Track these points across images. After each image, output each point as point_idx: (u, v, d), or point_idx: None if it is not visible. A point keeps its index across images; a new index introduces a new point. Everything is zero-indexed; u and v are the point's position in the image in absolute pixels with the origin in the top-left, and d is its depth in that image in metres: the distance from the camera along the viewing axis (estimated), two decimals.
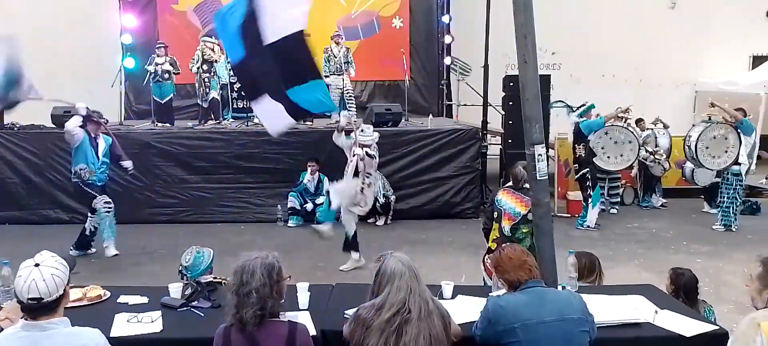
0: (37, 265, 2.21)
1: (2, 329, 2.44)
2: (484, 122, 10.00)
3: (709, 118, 8.73)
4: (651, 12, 13.35)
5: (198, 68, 9.53)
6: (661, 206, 9.94)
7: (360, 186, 6.33)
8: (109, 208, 6.86)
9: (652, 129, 10.16)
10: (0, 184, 8.54)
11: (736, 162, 8.30)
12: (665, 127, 10.18)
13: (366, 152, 6.27)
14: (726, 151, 8.47)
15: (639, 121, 10.26)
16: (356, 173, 6.33)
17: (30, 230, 7.96)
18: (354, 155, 6.32)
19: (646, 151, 9.73)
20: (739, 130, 8.25)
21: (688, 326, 2.92)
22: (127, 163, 7.28)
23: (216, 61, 9.53)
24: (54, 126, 8.79)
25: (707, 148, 8.57)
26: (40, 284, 2.16)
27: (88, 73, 11.03)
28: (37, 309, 2.19)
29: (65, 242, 6.86)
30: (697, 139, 8.57)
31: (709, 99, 8.92)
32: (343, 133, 6.52)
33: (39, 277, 2.17)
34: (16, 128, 8.98)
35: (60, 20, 11.86)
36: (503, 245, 2.77)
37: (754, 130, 8.14)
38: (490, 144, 10.37)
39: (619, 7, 13.11)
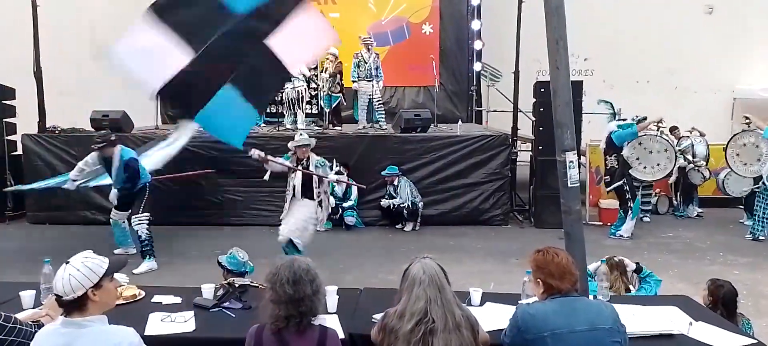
0: (67, 263, 2.29)
1: (43, 325, 2.53)
2: (514, 128, 9.91)
3: (748, 125, 8.67)
4: (687, 17, 13.04)
5: None
6: (697, 215, 9.69)
7: (317, 205, 5.92)
8: None
9: (688, 136, 9.94)
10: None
11: None
12: (701, 135, 9.94)
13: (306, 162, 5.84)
14: (758, 159, 8.38)
15: (673, 129, 10.04)
16: (307, 191, 5.88)
17: (68, 231, 8.21)
18: (294, 171, 5.87)
19: (685, 159, 9.53)
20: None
21: (724, 339, 2.85)
22: None
23: None
24: (93, 129, 9.06)
25: (738, 155, 8.57)
26: (60, 282, 2.25)
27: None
28: (63, 305, 2.27)
29: (100, 242, 7.02)
30: (727, 146, 8.64)
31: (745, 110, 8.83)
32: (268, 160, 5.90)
33: (61, 275, 2.26)
34: (57, 131, 9.29)
35: (98, 26, 12.21)
36: (555, 248, 2.68)
37: None
38: (520, 150, 10.27)
39: (654, 12, 12.85)
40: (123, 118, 9.15)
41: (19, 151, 9.38)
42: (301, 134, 6.24)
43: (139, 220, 6.76)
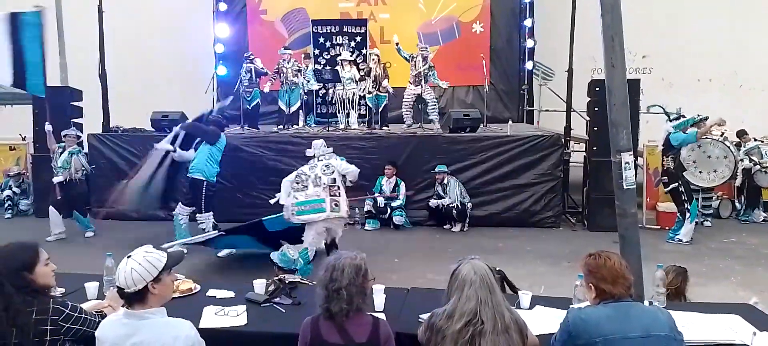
0: (128, 257, 2.41)
1: (106, 316, 2.67)
2: (567, 128, 9.69)
3: None
4: (752, 11, 12.35)
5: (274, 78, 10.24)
6: (763, 220, 9.20)
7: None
8: None
9: (755, 139, 9.46)
10: (105, 181, 9.24)
11: None
12: None
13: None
14: None
15: (742, 134, 9.58)
16: None
17: (130, 226, 8.59)
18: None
19: (751, 160, 9.06)
20: None
21: None
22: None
23: (283, 71, 10.10)
24: (153, 129, 9.47)
25: None
26: (122, 275, 2.36)
27: (184, 80, 11.76)
28: (125, 297, 2.39)
29: (161, 238, 7.31)
30: None
31: None
32: None
33: (123, 269, 2.37)
34: (120, 131, 9.75)
35: (158, 32, 12.75)
36: (608, 252, 2.62)
37: None
38: (573, 151, 10.02)
39: (717, 6, 12.26)
40: (181, 119, 9.48)
41: (86, 149, 9.88)
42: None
43: (202, 220, 7.12)
